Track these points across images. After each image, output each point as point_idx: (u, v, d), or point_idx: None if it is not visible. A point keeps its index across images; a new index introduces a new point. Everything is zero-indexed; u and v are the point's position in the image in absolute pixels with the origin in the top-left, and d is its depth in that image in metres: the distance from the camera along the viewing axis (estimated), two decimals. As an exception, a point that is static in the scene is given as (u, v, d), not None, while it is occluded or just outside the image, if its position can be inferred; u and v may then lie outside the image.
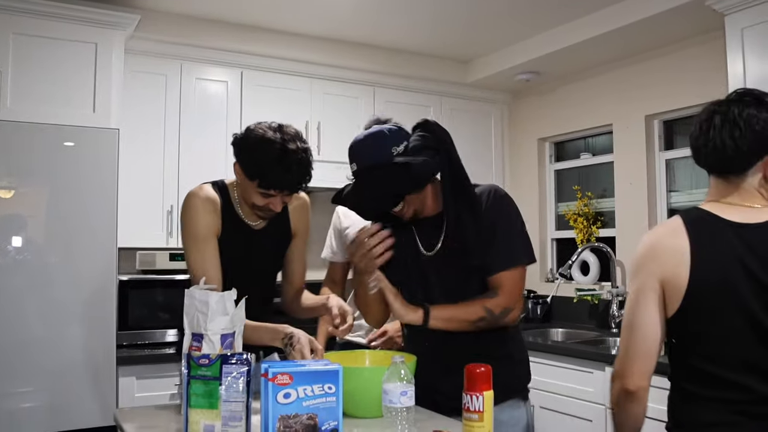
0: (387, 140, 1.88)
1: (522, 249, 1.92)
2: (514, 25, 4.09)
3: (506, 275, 1.88)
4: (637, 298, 1.55)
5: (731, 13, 3.11)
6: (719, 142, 1.54)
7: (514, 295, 1.88)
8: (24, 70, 3.19)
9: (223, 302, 1.66)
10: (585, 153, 4.71)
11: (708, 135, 1.56)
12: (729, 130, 1.53)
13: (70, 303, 3.08)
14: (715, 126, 1.54)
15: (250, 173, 2.02)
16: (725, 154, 1.54)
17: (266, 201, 2.04)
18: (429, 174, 1.87)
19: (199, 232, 2.06)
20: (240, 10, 3.86)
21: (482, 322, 1.85)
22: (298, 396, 1.43)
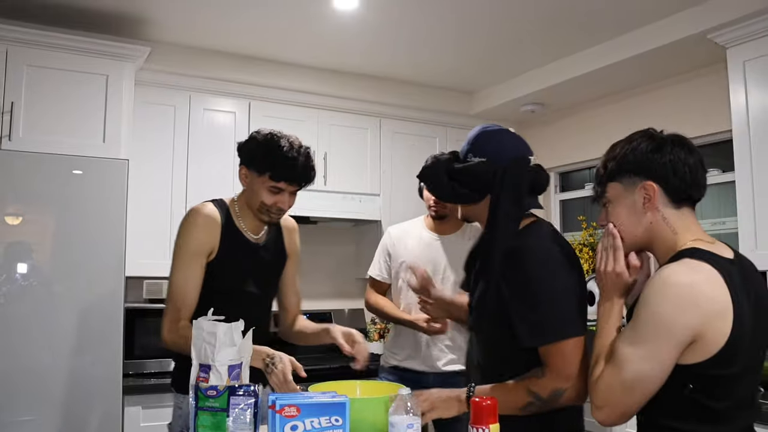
0: (478, 145, 1.75)
1: (568, 320, 1.61)
2: (519, 58, 4.14)
3: (552, 349, 1.59)
4: (660, 348, 1.37)
5: (733, 46, 3.15)
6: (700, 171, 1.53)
7: (561, 373, 1.58)
8: (36, 100, 3.24)
9: (231, 333, 1.67)
10: (590, 183, 4.73)
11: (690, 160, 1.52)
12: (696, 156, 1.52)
13: (77, 331, 3.08)
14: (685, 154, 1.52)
15: (260, 168, 2.10)
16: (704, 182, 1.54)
17: (275, 199, 2.13)
18: (451, 198, 1.80)
19: (191, 248, 2.12)
20: (248, 42, 3.93)
21: (532, 407, 1.61)
22: (305, 428, 1.43)
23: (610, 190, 1.55)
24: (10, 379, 2.94)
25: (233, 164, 3.94)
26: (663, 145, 1.51)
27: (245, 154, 2.17)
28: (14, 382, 2.95)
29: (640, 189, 1.50)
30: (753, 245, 3.02)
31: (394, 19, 3.58)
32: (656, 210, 1.50)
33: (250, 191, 2.17)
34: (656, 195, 1.49)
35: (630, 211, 1.52)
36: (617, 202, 1.54)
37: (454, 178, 1.75)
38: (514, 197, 1.69)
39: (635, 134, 1.56)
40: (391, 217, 4.38)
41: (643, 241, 1.54)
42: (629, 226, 1.53)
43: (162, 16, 3.56)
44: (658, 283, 1.39)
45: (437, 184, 1.81)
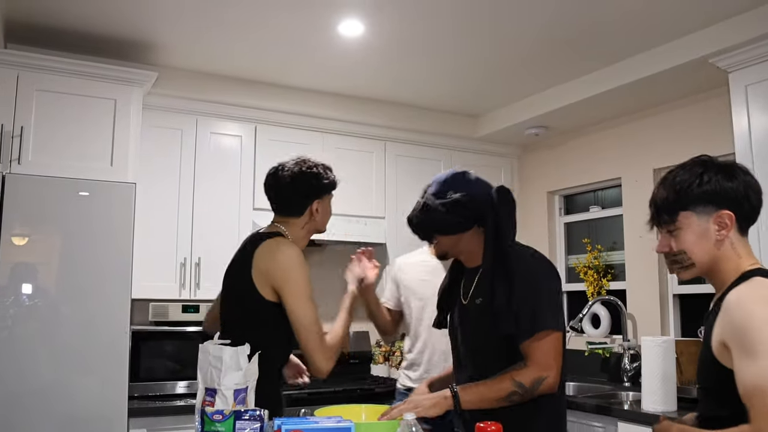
0: (453, 183, 2.01)
1: (549, 315, 1.88)
2: (523, 82, 4.18)
3: (534, 343, 1.85)
4: None
5: (735, 70, 3.18)
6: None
7: (543, 364, 1.84)
8: (45, 125, 3.28)
9: (237, 357, 1.69)
10: (594, 206, 4.75)
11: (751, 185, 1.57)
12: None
13: (82, 353, 3.09)
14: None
15: (331, 187, 2.37)
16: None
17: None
18: (443, 228, 2.01)
19: (310, 286, 2.21)
20: (254, 67, 3.97)
21: (515, 396, 1.83)
22: (310, 452, 1.44)
23: (682, 218, 1.56)
24: (15, 399, 2.95)
25: (239, 187, 4.02)
26: (735, 174, 1.55)
27: (323, 188, 2.34)
28: (20, 403, 2.95)
29: (716, 218, 1.53)
30: (758, 268, 3.01)
31: (398, 45, 3.62)
32: (728, 237, 1.54)
33: (323, 214, 2.36)
34: (732, 223, 1.53)
35: (700, 239, 1.55)
36: (689, 229, 1.56)
37: (450, 211, 1.97)
38: (509, 218, 1.98)
39: (695, 162, 1.59)
40: (396, 239, 4.40)
41: (708, 267, 1.57)
42: (699, 253, 1.56)
43: (169, 41, 3.61)
44: (742, 302, 1.42)
45: (437, 220, 2.00)
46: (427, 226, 2.04)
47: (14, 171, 3.15)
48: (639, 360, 3.68)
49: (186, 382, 3.63)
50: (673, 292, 4.06)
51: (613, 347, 4.18)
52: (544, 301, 1.89)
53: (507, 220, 1.96)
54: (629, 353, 4.01)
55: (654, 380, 3.17)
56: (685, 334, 4.01)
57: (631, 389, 3.81)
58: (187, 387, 3.62)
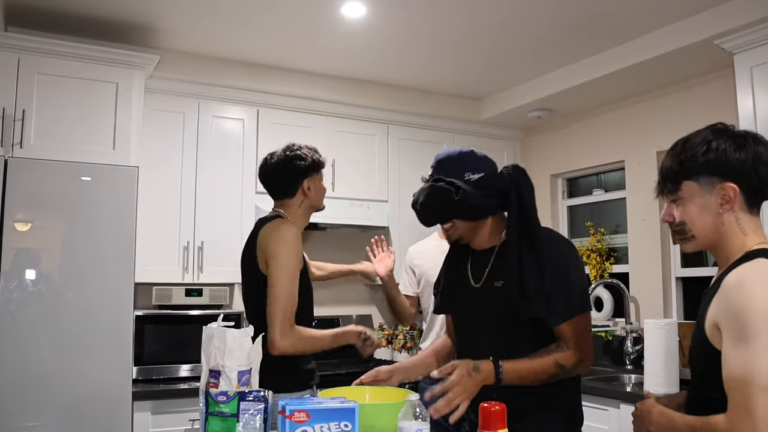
0: (468, 163, 1.91)
1: (582, 298, 1.86)
2: (526, 64, 4.16)
3: (571, 326, 1.82)
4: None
5: (740, 52, 3.15)
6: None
7: (583, 346, 1.83)
8: (47, 108, 3.27)
9: (241, 339, 1.69)
10: (597, 189, 4.74)
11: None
12: None
13: (86, 337, 3.11)
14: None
15: (318, 166, 2.51)
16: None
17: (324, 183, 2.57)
18: (478, 212, 1.91)
19: (298, 265, 2.34)
20: (256, 50, 3.95)
21: (555, 377, 1.82)
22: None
23: (685, 188, 1.49)
24: (19, 384, 2.96)
25: (241, 171, 4.01)
26: (745, 144, 1.46)
27: (309, 167, 2.48)
28: (23, 388, 2.97)
29: (719, 190, 1.45)
30: (761, 251, 3.01)
31: (401, 27, 3.60)
32: (732, 212, 1.46)
33: (316, 192, 2.50)
34: (736, 197, 1.45)
35: (703, 211, 1.48)
36: (691, 201, 1.49)
37: (486, 194, 1.89)
38: (532, 198, 1.91)
39: (708, 130, 1.51)
40: (399, 223, 4.40)
41: (712, 241, 1.50)
42: (700, 226, 1.49)
43: (171, 25, 3.59)
44: (742, 284, 1.34)
45: (472, 205, 1.88)
46: (450, 211, 1.91)
47: (16, 155, 3.15)
48: (641, 343, 3.69)
49: (190, 365, 3.64)
50: (675, 275, 4.06)
51: (616, 330, 4.18)
52: (576, 284, 1.84)
53: (530, 198, 1.89)
54: (632, 336, 4.01)
55: (656, 363, 3.15)
56: (687, 316, 4.01)
57: (633, 372, 3.82)
58: (191, 370, 3.64)
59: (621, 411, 3.18)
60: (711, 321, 1.39)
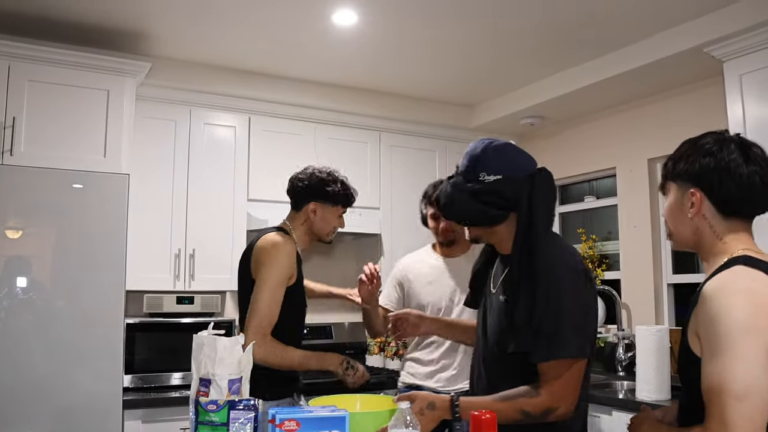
0: (487, 163, 1.70)
1: (571, 340, 1.58)
2: (518, 71, 4.17)
3: (551, 367, 1.59)
4: (757, 360, 1.26)
5: (729, 59, 3.18)
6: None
7: (557, 394, 1.58)
8: (38, 116, 3.26)
9: (231, 347, 1.68)
10: (589, 196, 4.75)
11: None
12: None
13: (77, 345, 3.09)
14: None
15: (337, 201, 2.51)
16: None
17: (341, 221, 2.58)
18: (474, 218, 1.75)
19: (284, 276, 2.36)
20: (248, 58, 3.95)
21: (519, 422, 1.61)
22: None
23: (669, 187, 1.56)
24: (10, 392, 2.94)
25: (233, 178, 4.00)
26: (718, 153, 1.46)
27: (320, 192, 2.49)
28: (14, 396, 2.95)
29: (689, 195, 1.50)
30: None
31: (393, 34, 3.61)
32: (702, 217, 1.49)
33: (322, 221, 2.51)
34: (700, 204, 1.48)
35: (677, 213, 1.53)
36: (671, 200, 1.56)
37: (482, 201, 1.70)
38: (546, 209, 1.69)
39: (707, 135, 1.52)
40: (391, 230, 4.40)
41: (691, 242, 1.53)
42: (674, 226, 1.56)
43: (163, 32, 3.59)
44: (718, 292, 1.33)
45: (466, 210, 1.73)
46: (452, 215, 1.80)
47: (6, 162, 3.14)
48: (633, 349, 3.70)
49: (181, 373, 3.63)
50: (667, 281, 4.07)
51: (608, 337, 4.19)
52: (567, 323, 1.58)
53: (543, 211, 1.67)
54: (624, 342, 4.02)
55: (648, 369, 3.18)
56: (679, 323, 4.02)
57: (625, 378, 3.82)
58: (182, 378, 3.62)
59: (613, 418, 3.19)
60: (692, 330, 1.40)
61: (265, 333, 2.28)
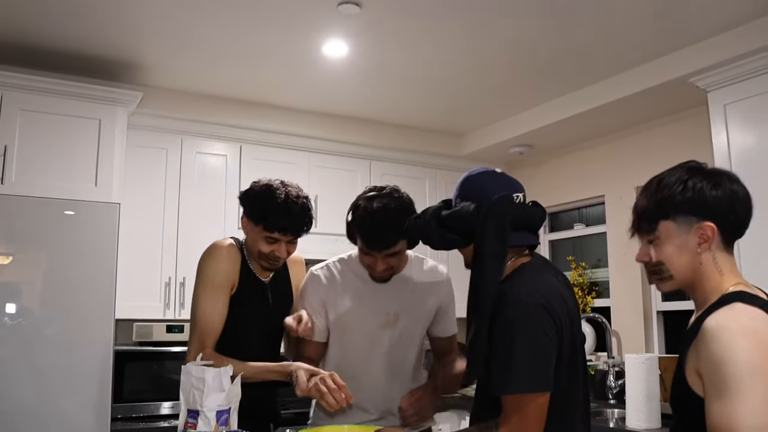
0: (463, 189, 1.72)
1: (524, 375, 1.51)
2: (506, 100, 4.22)
3: (508, 401, 1.54)
4: (765, 402, 1.24)
5: (713, 90, 3.23)
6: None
7: (515, 429, 1.52)
8: (29, 144, 3.27)
9: (220, 378, 1.68)
10: (578, 223, 4.78)
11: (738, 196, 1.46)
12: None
13: (66, 373, 3.06)
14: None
15: (255, 218, 2.14)
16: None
17: (271, 248, 2.15)
18: (436, 244, 1.73)
19: (217, 280, 2.16)
20: (239, 87, 3.99)
21: None
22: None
23: (662, 228, 1.47)
24: (-3, 422, 2.92)
25: (224, 207, 4.01)
26: (720, 182, 1.45)
27: (244, 204, 2.21)
28: (2, 423, 2.92)
29: (697, 229, 1.43)
30: (739, 285, 3.04)
31: (383, 65, 3.65)
32: (709, 251, 1.44)
33: (250, 239, 2.21)
34: (713, 237, 1.43)
35: (682, 250, 1.46)
36: (668, 241, 1.47)
37: (443, 225, 1.70)
38: (497, 235, 1.61)
39: (682, 169, 1.49)
40: (381, 258, 4.40)
41: (689, 280, 1.48)
42: (678, 266, 1.47)
43: (155, 62, 3.62)
44: (722, 332, 1.31)
45: (426, 234, 1.75)
46: (413, 235, 1.84)
47: (-3, 191, 3.14)
48: (624, 377, 3.70)
49: (170, 402, 3.60)
50: (656, 309, 4.09)
51: (599, 364, 4.19)
52: (518, 358, 1.51)
53: (493, 239, 1.60)
54: (614, 370, 4.02)
55: (638, 397, 3.18)
56: (669, 350, 4.03)
57: (616, 406, 3.82)
58: (172, 408, 3.60)
59: (604, 446, 3.18)
60: (692, 369, 1.37)
61: (204, 347, 2.07)
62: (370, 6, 2.98)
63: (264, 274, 2.29)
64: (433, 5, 2.98)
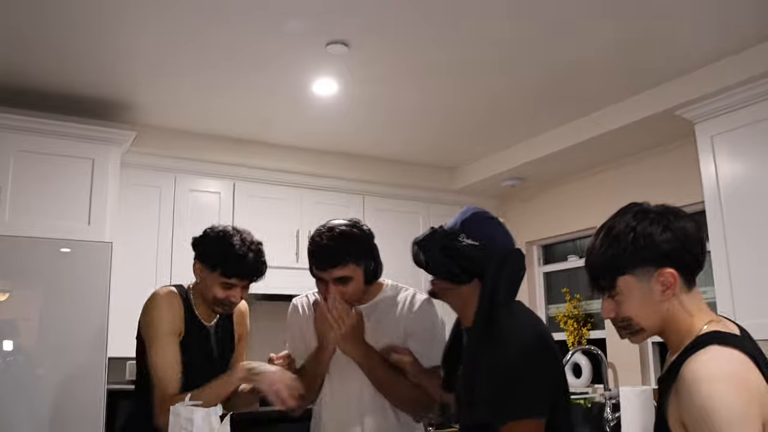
0: (472, 228, 1.74)
1: (527, 401, 1.57)
2: (498, 134, 4.26)
3: (509, 429, 1.57)
4: None
5: (700, 122, 3.27)
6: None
7: None
8: (23, 185, 3.29)
9: (209, 419, 1.67)
10: (572, 255, 4.79)
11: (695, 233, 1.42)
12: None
13: (58, 411, 3.05)
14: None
15: (212, 264, 2.14)
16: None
17: (226, 293, 2.16)
18: (432, 266, 1.77)
19: (166, 329, 2.13)
20: (231, 125, 4.03)
21: None
22: None
23: (621, 284, 1.41)
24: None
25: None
26: (668, 223, 1.40)
27: (199, 251, 2.22)
28: (-10, 466, 2.90)
29: (658, 278, 1.38)
30: (731, 314, 3.04)
31: (372, 102, 3.69)
32: (674, 296, 1.39)
33: (204, 285, 2.20)
34: (675, 282, 1.38)
35: (646, 302, 1.40)
36: (630, 295, 1.41)
37: (449, 255, 1.73)
38: (510, 287, 1.70)
39: (628, 215, 1.44)
40: (375, 292, 4.39)
41: (660, 328, 1.43)
42: (646, 318, 1.42)
43: (148, 101, 3.65)
44: (701, 380, 1.26)
45: (431, 258, 1.76)
46: (419, 260, 1.80)
47: (-10, 232, 3.15)
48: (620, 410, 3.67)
49: (163, 442, 3.56)
50: (651, 340, 4.08)
51: (595, 397, 4.17)
52: (524, 385, 1.58)
53: (508, 286, 1.70)
54: (611, 402, 3.98)
55: (634, 430, 3.15)
56: (665, 382, 4.01)
57: (613, 439, 3.78)
58: None
59: (601, 481, 3.14)
60: (675, 418, 1.33)
61: (171, 399, 1.98)
62: (358, 45, 3.03)
63: (209, 319, 2.27)
64: (418, 43, 3.03)
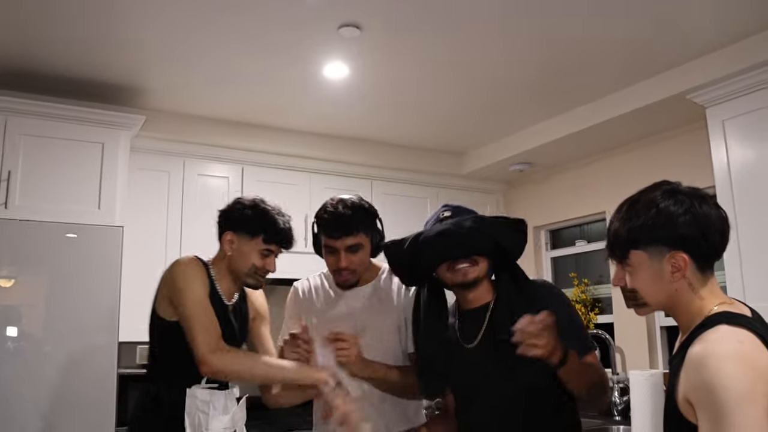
0: (464, 211, 1.97)
1: (590, 338, 2.01)
2: (507, 119, 4.24)
3: (591, 359, 1.91)
4: (759, 428, 1.23)
5: (711, 106, 3.25)
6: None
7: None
8: (32, 169, 3.29)
9: (225, 401, 1.69)
10: (580, 240, 4.79)
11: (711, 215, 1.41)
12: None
13: (69, 396, 3.06)
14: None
15: (252, 231, 2.13)
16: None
17: (265, 261, 2.15)
18: (480, 247, 1.86)
19: (203, 293, 2.08)
20: (241, 109, 4.02)
21: (605, 386, 1.94)
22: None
23: (633, 257, 1.44)
24: (-1, 445, 2.91)
25: (227, 228, 4.01)
26: (690, 208, 1.39)
27: (234, 220, 2.18)
28: (3, 449, 2.92)
29: (669, 259, 1.39)
30: (741, 298, 3.04)
31: (383, 86, 3.68)
32: (683, 279, 1.39)
33: (239, 255, 2.15)
34: (685, 267, 1.38)
35: (655, 279, 1.42)
36: (641, 270, 1.44)
37: (483, 233, 1.85)
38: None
39: (656, 193, 1.45)
40: (384, 277, 4.40)
41: (666, 306, 1.45)
42: (652, 294, 1.44)
43: (157, 86, 3.65)
44: (709, 358, 1.27)
45: (470, 233, 1.85)
46: (451, 235, 1.85)
47: (1, 215, 3.16)
48: (629, 393, 3.68)
49: (174, 425, 3.58)
50: (659, 324, 4.08)
51: (603, 381, 4.17)
52: (581, 322, 2.00)
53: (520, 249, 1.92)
54: (619, 387, 4.00)
55: (644, 414, 3.15)
56: (673, 366, 4.02)
57: (621, 423, 3.80)
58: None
59: (610, 464, 3.16)
60: (683, 396, 1.34)
61: (217, 344, 1.96)
62: (370, 28, 3.01)
63: (229, 297, 2.22)
64: (431, 27, 3.01)
